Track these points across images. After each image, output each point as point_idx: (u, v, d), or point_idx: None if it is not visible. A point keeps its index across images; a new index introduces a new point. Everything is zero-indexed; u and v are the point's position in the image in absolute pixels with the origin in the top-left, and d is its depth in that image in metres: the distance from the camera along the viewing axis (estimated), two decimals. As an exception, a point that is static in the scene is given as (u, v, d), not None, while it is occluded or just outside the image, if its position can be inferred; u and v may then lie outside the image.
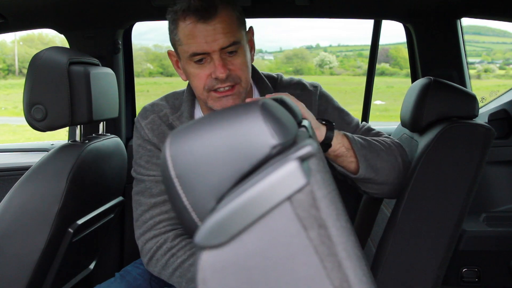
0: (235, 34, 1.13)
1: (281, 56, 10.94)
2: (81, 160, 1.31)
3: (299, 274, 0.41)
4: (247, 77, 1.18)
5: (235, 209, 0.40)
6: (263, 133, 0.46)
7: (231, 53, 1.13)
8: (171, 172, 0.48)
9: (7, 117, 9.75)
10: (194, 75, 1.15)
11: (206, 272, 0.41)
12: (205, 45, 1.11)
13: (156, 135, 1.24)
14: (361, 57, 9.80)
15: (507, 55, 8.50)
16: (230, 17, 1.13)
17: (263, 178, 0.41)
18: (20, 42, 11.52)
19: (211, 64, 1.13)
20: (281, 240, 0.41)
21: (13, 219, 1.25)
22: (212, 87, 1.14)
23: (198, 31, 1.11)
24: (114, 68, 1.89)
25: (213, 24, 1.10)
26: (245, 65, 1.17)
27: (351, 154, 1.14)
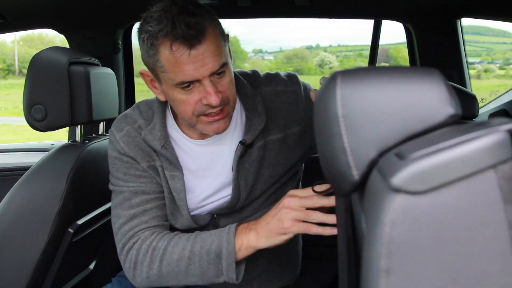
0: (223, 55, 1.03)
1: (281, 56, 10.94)
2: (81, 160, 1.31)
3: (486, 245, 0.42)
4: (234, 96, 1.10)
5: (443, 162, 0.41)
6: (444, 100, 0.47)
7: (220, 73, 1.04)
8: (339, 110, 0.49)
9: (7, 117, 9.75)
10: (181, 101, 1.05)
11: (397, 214, 0.42)
12: (194, 72, 1.00)
13: (132, 148, 1.16)
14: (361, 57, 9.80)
15: (507, 55, 8.49)
16: (216, 37, 1.02)
17: (470, 141, 0.41)
18: (20, 42, 11.53)
19: (201, 89, 1.03)
20: (479, 205, 0.42)
21: (13, 219, 1.25)
22: (203, 112, 1.05)
23: (187, 59, 0.99)
24: (114, 68, 1.89)
25: (202, 49, 0.99)
26: (232, 83, 1.08)
27: None
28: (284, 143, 1.19)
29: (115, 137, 1.18)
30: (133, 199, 1.15)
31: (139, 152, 1.16)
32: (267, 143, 1.18)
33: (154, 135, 1.15)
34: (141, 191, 1.15)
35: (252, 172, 1.17)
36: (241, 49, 10.53)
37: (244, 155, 1.16)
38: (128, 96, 2.05)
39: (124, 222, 1.14)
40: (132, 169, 1.17)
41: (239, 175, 1.16)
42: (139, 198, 1.15)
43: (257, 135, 1.15)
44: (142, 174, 1.16)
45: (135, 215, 1.14)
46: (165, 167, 1.16)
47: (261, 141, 1.17)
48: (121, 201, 1.16)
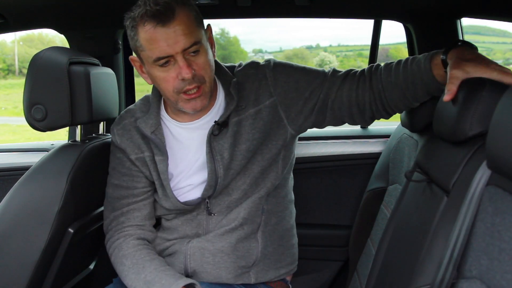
0: (195, 34, 1.16)
1: (281, 56, 10.96)
2: (81, 160, 1.31)
3: None
4: (211, 76, 1.21)
5: None
6: None
7: (194, 53, 1.16)
8: None
9: (7, 117, 9.75)
10: (161, 78, 1.18)
11: None
12: (167, 48, 1.13)
13: (124, 140, 1.32)
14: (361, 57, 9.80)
15: (507, 55, 8.50)
16: (188, 18, 1.15)
17: None
18: (20, 42, 11.52)
19: (176, 66, 1.16)
20: None
21: (13, 219, 1.25)
22: (181, 89, 1.18)
23: (158, 35, 1.13)
24: (114, 68, 1.89)
25: (172, 27, 1.12)
26: (208, 64, 1.20)
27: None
28: (258, 117, 1.28)
29: (113, 131, 1.35)
30: (115, 203, 1.33)
31: (130, 145, 1.32)
32: (242, 120, 1.28)
33: (147, 123, 1.29)
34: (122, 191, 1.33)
35: (227, 147, 1.26)
36: (241, 49, 10.54)
37: (219, 133, 1.26)
38: (128, 96, 2.05)
39: (108, 224, 1.34)
40: (119, 166, 1.33)
41: (215, 151, 1.26)
42: (119, 203, 1.33)
43: (229, 114, 1.27)
44: (127, 172, 1.33)
45: (115, 217, 1.33)
46: (155, 153, 1.30)
47: (235, 118, 1.28)
48: (106, 204, 1.36)
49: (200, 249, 1.30)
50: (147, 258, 1.26)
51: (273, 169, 1.32)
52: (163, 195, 1.31)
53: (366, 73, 1.27)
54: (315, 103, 1.29)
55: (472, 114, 0.98)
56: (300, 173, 1.93)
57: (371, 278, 1.34)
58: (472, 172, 0.91)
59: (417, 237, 1.08)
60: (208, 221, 1.32)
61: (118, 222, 1.32)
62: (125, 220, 1.32)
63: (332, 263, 1.94)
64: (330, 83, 1.29)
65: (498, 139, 0.77)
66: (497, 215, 0.81)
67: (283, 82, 1.30)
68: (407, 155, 1.49)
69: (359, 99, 1.26)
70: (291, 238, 1.42)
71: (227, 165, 1.27)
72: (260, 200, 1.31)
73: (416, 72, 1.17)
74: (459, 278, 0.87)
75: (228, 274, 1.30)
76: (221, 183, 1.27)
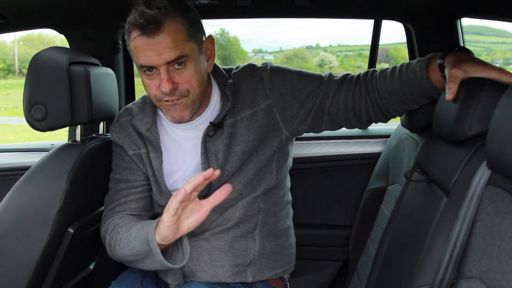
0: (181, 48, 1.15)
1: (281, 56, 10.94)
2: (81, 160, 1.31)
3: None
4: (196, 89, 1.21)
5: None
6: None
7: (179, 65, 1.17)
8: None
9: (7, 117, 9.74)
10: (146, 84, 1.22)
11: None
12: (151, 59, 1.14)
13: (121, 137, 1.34)
14: (361, 57, 9.79)
15: (507, 55, 8.50)
16: (176, 31, 1.14)
17: None
18: (20, 42, 11.52)
19: (159, 76, 1.17)
20: None
21: (13, 219, 1.25)
22: (161, 99, 1.20)
23: (144, 45, 1.14)
24: (114, 68, 1.89)
25: (158, 39, 1.13)
26: (194, 77, 1.19)
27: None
28: (253, 119, 1.29)
29: (111, 129, 1.38)
30: (114, 196, 1.34)
31: (127, 141, 1.34)
32: (237, 121, 1.28)
33: (142, 121, 1.32)
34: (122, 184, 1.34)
35: (221, 149, 1.27)
36: (241, 49, 10.53)
37: (214, 134, 1.27)
38: (128, 96, 2.05)
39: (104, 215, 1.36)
40: (120, 161, 1.36)
41: (210, 152, 1.27)
42: (118, 195, 1.34)
43: (224, 115, 1.27)
44: (127, 166, 1.35)
45: (111, 208, 1.34)
46: (150, 150, 1.32)
47: (230, 119, 1.28)
48: (107, 198, 1.37)
49: (196, 247, 1.30)
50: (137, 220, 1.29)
51: (268, 171, 1.32)
52: (158, 191, 1.33)
53: (362, 80, 1.28)
54: (311, 107, 1.30)
55: (472, 114, 0.98)
56: (301, 173, 1.93)
57: (371, 278, 1.34)
58: (472, 172, 0.91)
59: (417, 237, 1.08)
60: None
61: (114, 212, 1.33)
62: (121, 210, 1.33)
63: (332, 263, 1.94)
64: (326, 88, 1.29)
65: (498, 139, 0.77)
66: (497, 215, 0.81)
67: (279, 85, 1.30)
68: (407, 155, 1.49)
69: (355, 105, 1.28)
70: (289, 238, 1.43)
71: (221, 166, 1.27)
72: (255, 199, 1.32)
73: (413, 79, 1.18)
74: (459, 278, 0.87)
75: (225, 272, 1.30)
76: (215, 184, 1.28)
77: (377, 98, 1.25)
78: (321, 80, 1.31)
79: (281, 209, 1.39)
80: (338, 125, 1.34)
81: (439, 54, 1.14)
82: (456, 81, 1.03)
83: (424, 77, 1.16)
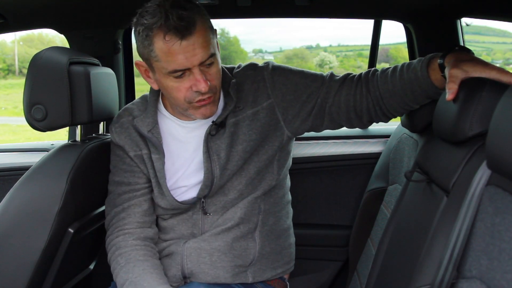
0: (211, 46, 1.16)
1: (281, 56, 10.93)
2: (81, 160, 1.31)
3: None
4: (220, 84, 1.23)
5: None
6: None
7: (209, 64, 1.17)
8: None
9: (7, 117, 9.73)
10: (173, 88, 1.18)
11: None
12: (185, 61, 1.12)
13: (122, 138, 1.33)
14: (361, 57, 9.79)
15: (507, 55, 8.49)
16: (206, 30, 1.15)
17: None
18: (20, 42, 11.50)
19: (191, 77, 1.15)
20: None
21: (13, 219, 1.25)
22: (193, 99, 1.19)
23: (178, 49, 1.11)
24: (114, 68, 1.89)
25: (192, 40, 1.11)
26: (219, 73, 1.22)
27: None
28: (255, 118, 1.29)
29: (111, 129, 1.36)
30: (116, 199, 1.33)
31: (128, 142, 1.33)
32: (239, 121, 1.29)
33: (144, 122, 1.30)
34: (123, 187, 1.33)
35: (223, 148, 1.27)
36: (241, 49, 10.52)
37: (217, 133, 1.27)
38: (128, 96, 2.05)
39: (109, 220, 1.34)
40: (120, 163, 1.34)
41: (212, 151, 1.27)
42: (120, 198, 1.33)
43: (227, 115, 1.28)
44: (127, 169, 1.34)
45: (116, 213, 1.32)
46: (152, 151, 1.31)
47: (232, 118, 1.29)
48: (108, 201, 1.36)
49: (196, 249, 1.30)
50: (140, 259, 1.26)
51: (269, 170, 1.33)
52: (159, 193, 1.32)
53: (363, 79, 1.28)
54: (313, 107, 1.30)
55: (472, 114, 0.98)
56: (301, 173, 1.93)
57: (371, 278, 1.34)
58: (472, 172, 0.91)
59: (417, 237, 1.08)
60: (203, 221, 1.32)
61: (119, 219, 1.32)
62: (126, 216, 1.32)
63: (332, 263, 1.94)
64: (327, 87, 1.30)
65: (498, 139, 0.77)
66: (497, 215, 0.81)
67: (281, 85, 1.30)
68: (407, 155, 1.49)
69: (356, 105, 1.28)
70: (289, 238, 1.43)
71: (223, 165, 1.27)
72: (256, 200, 1.32)
73: (414, 79, 1.18)
74: (459, 278, 0.87)
75: (225, 273, 1.30)
76: (217, 183, 1.28)
77: (378, 98, 1.25)
78: (323, 79, 1.31)
79: (281, 209, 1.39)
80: (339, 125, 1.34)
81: (439, 54, 1.14)
82: (456, 81, 1.03)
83: (425, 77, 1.16)
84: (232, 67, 1.38)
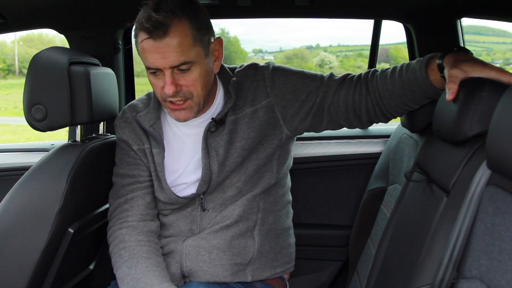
0: (187, 53, 1.16)
1: (281, 56, 10.93)
2: (81, 160, 1.31)
3: None
4: (200, 91, 1.22)
5: None
6: None
7: (184, 69, 1.17)
8: None
9: (7, 117, 9.73)
10: (152, 84, 1.23)
11: None
12: (156, 61, 1.16)
13: (126, 132, 1.36)
14: (361, 57, 9.78)
15: (507, 55, 8.49)
16: (183, 36, 1.14)
17: None
18: (20, 42, 11.50)
19: (164, 78, 1.18)
20: None
21: (13, 219, 1.25)
22: (165, 99, 1.22)
23: (149, 48, 1.15)
24: (114, 68, 1.89)
25: (164, 42, 1.13)
26: (199, 81, 1.20)
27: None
28: (254, 116, 1.31)
29: (116, 124, 1.39)
30: (120, 190, 1.35)
31: (132, 136, 1.36)
32: (238, 118, 1.30)
33: (146, 117, 1.34)
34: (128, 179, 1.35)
35: (222, 144, 1.29)
36: (241, 49, 10.52)
37: (216, 130, 1.29)
38: (128, 96, 2.05)
39: (112, 211, 1.35)
40: (125, 156, 1.37)
41: (210, 147, 1.29)
42: (124, 189, 1.34)
43: (226, 112, 1.30)
44: (132, 161, 1.36)
45: (119, 204, 1.34)
46: (153, 146, 1.34)
47: (231, 116, 1.30)
48: (112, 193, 1.37)
49: (195, 247, 1.31)
50: (144, 255, 1.27)
51: (268, 169, 1.33)
52: (158, 187, 1.34)
53: (363, 80, 1.29)
54: (312, 106, 1.31)
55: (472, 114, 0.98)
56: (301, 173, 1.93)
57: (371, 278, 1.34)
58: (472, 172, 0.91)
59: (417, 237, 1.08)
60: (202, 218, 1.33)
61: (122, 210, 1.34)
62: (129, 208, 1.33)
63: (332, 263, 1.94)
64: (326, 87, 1.30)
65: (498, 139, 0.77)
66: (497, 215, 0.81)
67: (280, 84, 1.31)
68: (407, 155, 1.49)
69: (355, 105, 1.28)
70: (288, 238, 1.43)
71: (221, 161, 1.29)
72: (255, 198, 1.32)
73: (413, 80, 1.19)
74: (459, 278, 0.87)
75: (224, 271, 1.30)
76: (215, 179, 1.29)
77: (378, 98, 1.26)
78: (322, 79, 1.32)
79: (281, 208, 1.39)
80: (338, 125, 1.35)
81: (438, 54, 1.14)
82: (456, 81, 1.03)
83: (424, 77, 1.16)
84: (234, 67, 1.39)
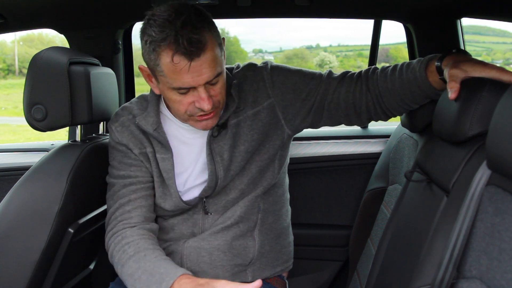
0: (219, 65, 1.13)
1: (281, 56, 10.93)
2: (81, 160, 1.31)
3: None
4: (224, 97, 1.22)
5: None
6: None
7: (215, 80, 1.15)
8: None
9: (7, 117, 9.74)
10: (176, 101, 1.17)
11: None
12: (191, 81, 1.10)
13: (125, 136, 1.31)
14: (361, 57, 9.78)
15: (507, 55, 8.49)
16: (215, 49, 1.11)
17: None
18: (20, 42, 11.50)
19: (195, 93, 1.14)
20: None
21: (13, 219, 1.25)
22: (195, 114, 1.18)
23: (185, 69, 1.08)
24: (114, 68, 1.89)
25: (201, 60, 1.09)
26: (223, 88, 1.19)
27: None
28: (256, 118, 1.29)
29: (111, 128, 1.33)
30: (121, 190, 1.28)
31: (132, 140, 1.30)
32: (240, 121, 1.29)
33: (148, 121, 1.28)
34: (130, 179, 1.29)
35: (226, 149, 1.27)
36: (241, 49, 10.52)
37: (219, 135, 1.27)
38: (128, 96, 2.05)
39: (112, 213, 1.28)
40: (125, 158, 1.31)
41: (215, 152, 1.27)
42: (126, 189, 1.28)
43: (229, 116, 1.27)
44: (133, 163, 1.30)
45: (120, 205, 1.27)
46: (157, 151, 1.29)
47: (233, 119, 1.28)
48: (112, 194, 1.30)
49: (196, 248, 1.30)
50: (150, 247, 1.21)
51: (270, 169, 1.33)
52: (162, 193, 1.30)
53: (363, 77, 1.29)
54: (312, 104, 1.31)
55: (472, 114, 0.98)
56: (301, 173, 1.93)
57: (371, 278, 1.34)
58: (472, 172, 0.91)
59: (417, 237, 1.08)
60: (204, 220, 1.32)
61: (124, 211, 1.27)
62: (131, 209, 1.27)
63: (332, 263, 1.94)
64: (326, 84, 1.30)
65: (498, 139, 0.77)
66: (497, 215, 0.81)
67: (280, 84, 1.31)
68: (407, 155, 1.49)
69: (355, 102, 1.28)
70: (288, 237, 1.44)
71: (227, 166, 1.27)
72: (256, 198, 1.32)
73: (412, 80, 1.19)
74: (459, 278, 0.87)
75: (225, 272, 1.30)
76: (221, 184, 1.28)
77: (378, 96, 1.26)
78: (321, 77, 1.32)
79: (280, 208, 1.39)
80: (337, 122, 1.35)
81: (437, 56, 1.14)
82: (456, 80, 1.03)
83: (423, 78, 1.16)
84: (231, 68, 1.37)
